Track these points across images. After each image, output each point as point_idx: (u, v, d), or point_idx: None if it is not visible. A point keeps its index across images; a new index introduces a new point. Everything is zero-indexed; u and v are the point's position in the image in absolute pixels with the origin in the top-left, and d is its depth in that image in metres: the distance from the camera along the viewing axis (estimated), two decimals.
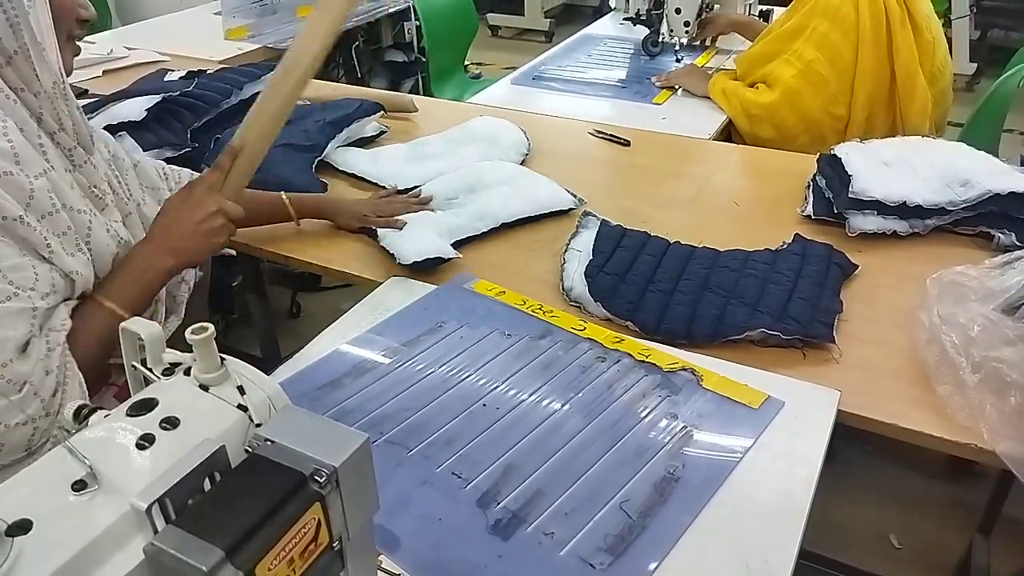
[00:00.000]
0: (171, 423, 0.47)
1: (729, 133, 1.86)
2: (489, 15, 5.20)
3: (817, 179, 1.37)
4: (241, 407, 0.50)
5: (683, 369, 0.96)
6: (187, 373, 0.52)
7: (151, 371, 0.53)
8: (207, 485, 0.44)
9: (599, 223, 1.26)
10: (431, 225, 1.27)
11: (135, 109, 1.48)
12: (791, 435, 0.86)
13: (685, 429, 0.87)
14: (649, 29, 2.22)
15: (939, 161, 1.30)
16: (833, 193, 1.30)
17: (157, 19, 2.74)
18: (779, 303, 1.05)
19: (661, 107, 1.91)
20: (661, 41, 2.21)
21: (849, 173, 1.29)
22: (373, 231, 1.28)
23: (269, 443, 0.45)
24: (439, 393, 0.93)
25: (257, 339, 1.93)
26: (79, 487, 0.44)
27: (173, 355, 0.53)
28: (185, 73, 1.75)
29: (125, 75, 2.07)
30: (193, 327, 0.50)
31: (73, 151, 0.91)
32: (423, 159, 1.55)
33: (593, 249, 1.17)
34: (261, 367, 0.53)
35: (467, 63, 3.19)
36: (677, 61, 2.19)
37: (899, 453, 1.85)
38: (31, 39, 0.84)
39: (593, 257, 1.15)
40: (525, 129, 1.64)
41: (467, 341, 1.02)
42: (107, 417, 0.49)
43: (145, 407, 0.49)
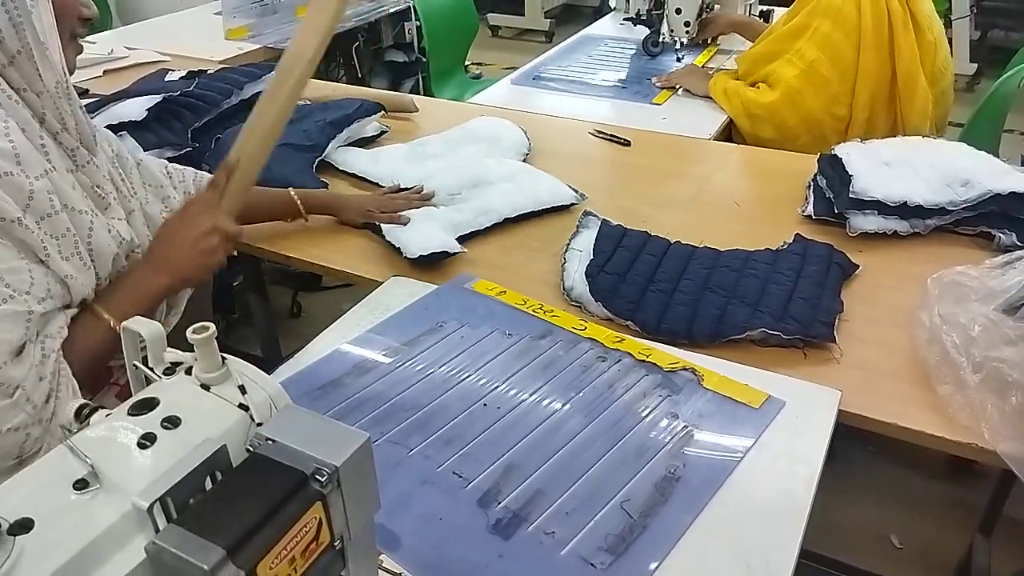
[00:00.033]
0: (172, 422, 0.47)
1: (730, 133, 1.86)
2: (489, 15, 5.20)
3: (818, 179, 1.37)
4: (242, 406, 0.50)
5: (684, 369, 0.96)
6: (188, 372, 0.52)
7: (152, 370, 0.53)
8: (208, 484, 0.44)
9: (600, 223, 1.26)
10: (434, 221, 1.28)
11: (136, 109, 1.49)
12: (792, 435, 0.86)
13: (686, 429, 0.87)
14: (649, 29, 2.22)
15: (940, 161, 1.30)
16: (834, 193, 1.30)
17: (157, 19, 2.74)
18: (780, 303, 1.05)
19: (661, 107, 1.91)
20: (661, 41, 2.21)
21: (850, 173, 1.29)
22: (377, 227, 1.28)
23: (270, 442, 0.45)
24: (440, 393, 0.93)
25: (258, 339, 1.93)
26: (80, 486, 0.44)
27: (174, 354, 0.53)
28: (185, 73, 1.75)
29: (126, 75, 2.07)
30: (194, 326, 0.50)
31: (76, 151, 0.91)
32: (423, 159, 1.55)
33: (594, 249, 1.17)
34: (262, 367, 0.53)
35: (467, 63, 3.19)
36: (678, 60, 2.19)
37: (900, 453, 1.85)
38: (34, 39, 0.84)
39: (594, 257, 1.15)
40: (526, 129, 1.64)
41: (468, 341, 1.02)
42: (108, 416, 0.49)
43: (146, 406, 0.49)
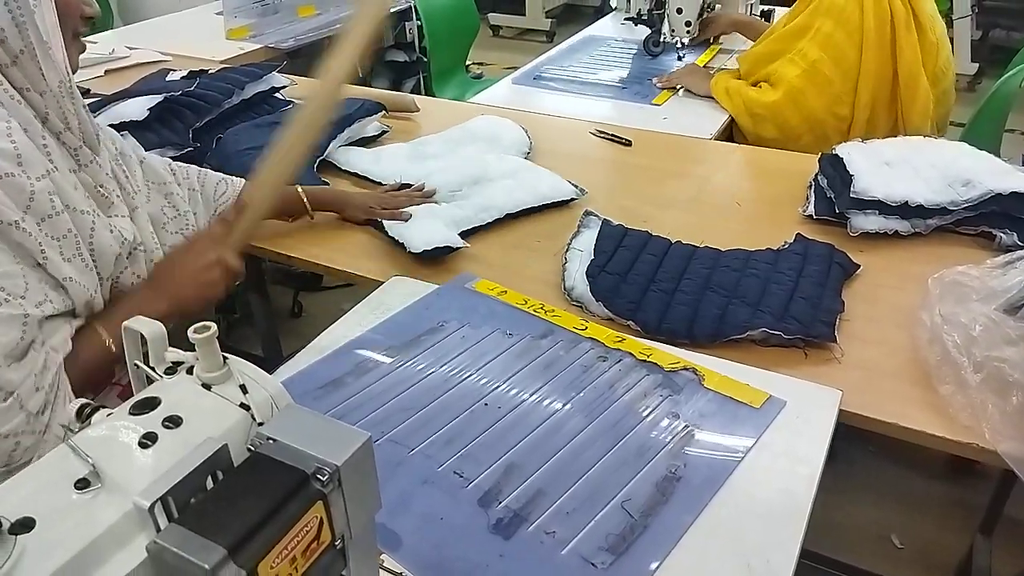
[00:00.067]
0: (174, 422, 0.47)
1: (731, 133, 1.86)
2: (490, 15, 5.21)
3: (819, 179, 1.37)
4: (243, 406, 0.50)
5: (684, 369, 0.96)
6: (189, 372, 0.52)
7: (154, 370, 0.53)
8: (209, 484, 0.44)
9: (600, 223, 1.26)
10: (436, 217, 1.28)
11: (137, 109, 1.49)
12: (793, 435, 0.86)
13: (687, 428, 0.87)
14: (650, 29, 2.22)
15: (941, 161, 1.30)
16: (835, 193, 1.30)
17: (159, 19, 2.74)
18: (781, 303, 1.05)
19: (661, 107, 1.91)
20: (662, 41, 2.21)
21: (851, 173, 1.29)
22: (379, 223, 1.29)
23: (271, 442, 0.45)
24: (440, 392, 0.93)
25: (259, 339, 1.93)
26: (82, 485, 0.44)
27: (175, 354, 0.53)
28: (187, 73, 1.75)
29: (127, 75, 2.07)
30: (195, 326, 0.50)
31: (79, 150, 0.91)
32: (424, 158, 1.55)
33: (595, 249, 1.17)
34: (263, 366, 0.53)
35: (468, 63, 3.19)
36: (679, 60, 2.19)
37: (900, 453, 1.85)
38: (37, 38, 0.84)
39: (595, 257, 1.15)
40: (526, 128, 1.64)
41: (468, 341, 1.02)
42: (110, 416, 0.49)
43: (148, 406, 0.49)
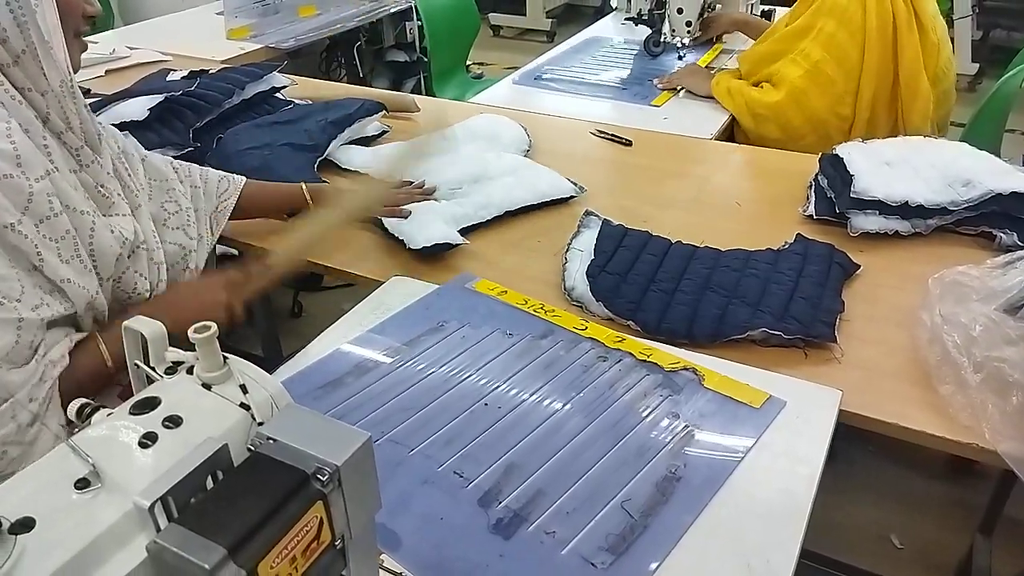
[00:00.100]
0: (174, 421, 0.47)
1: (731, 133, 1.85)
2: (491, 15, 5.21)
3: (819, 179, 1.37)
4: (243, 406, 0.50)
5: (684, 369, 0.96)
6: (189, 372, 0.52)
7: (154, 370, 0.53)
8: (210, 483, 0.44)
9: (601, 223, 1.26)
10: (436, 214, 1.28)
11: (137, 109, 1.49)
12: (793, 435, 0.86)
13: (687, 428, 0.87)
14: (651, 29, 2.22)
15: (941, 161, 1.30)
16: (835, 193, 1.30)
17: (159, 19, 2.74)
18: (781, 303, 1.05)
19: (661, 108, 1.90)
20: (663, 41, 2.21)
21: (851, 173, 1.29)
22: (379, 221, 1.29)
23: (271, 442, 0.45)
24: (440, 392, 0.93)
25: (259, 339, 1.93)
26: (82, 485, 0.44)
27: (176, 354, 0.53)
28: (187, 73, 1.75)
29: (127, 75, 2.07)
30: (195, 326, 0.50)
31: (80, 150, 0.91)
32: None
33: (595, 249, 1.17)
34: (263, 366, 0.53)
35: (469, 63, 3.19)
36: (679, 59, 2.19)
37: (900, 453, 1.85)
38: (38, 38, 0.84)
39: (595, 257, 1.15)
40: (526, 127, 1.64)
41: (468, 341, 1.02)
42: (110, 415, 0.49)
43: (148, 405, 0.49)
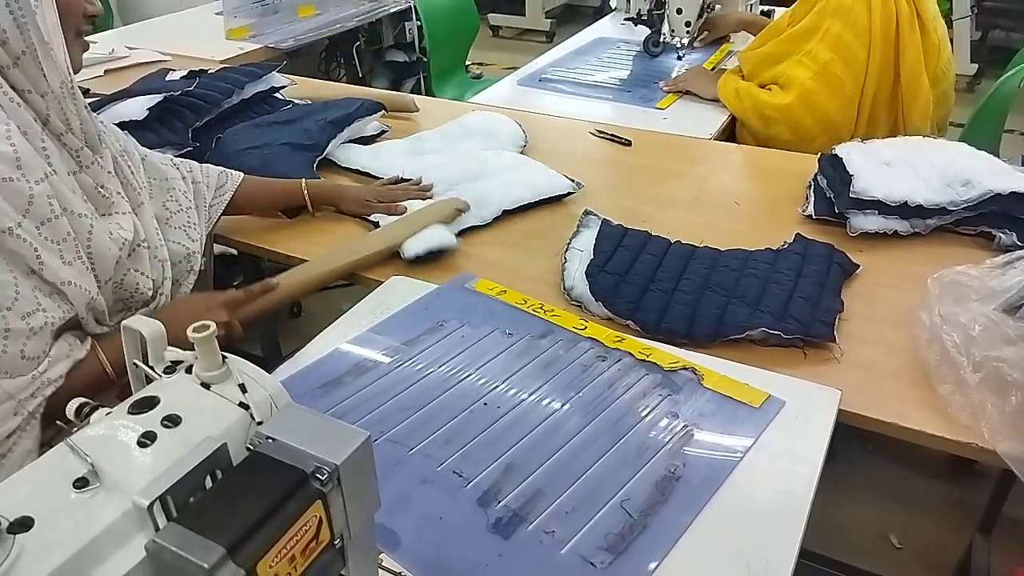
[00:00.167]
0: (173, 421, 0.47)
1: (731, 134, 1.85)
2: (490, 15, 5.20)
3: (818, 179, 1.37)
4: (243, 405, 0.50)
5: (684, 368, 0.96)
6: (188, 371, 0.52)
7: (153, 369, 0.53)
8: (209, 483, 0.44)
9: (600, 222, 1.26)
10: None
11: (137, 108, 1.49)
12: (792, 434, 0.86)
13: (686, 428, 0.87)
14: (650, 29, 2.22)
15: (940, 161, 1.30)
16: (834, 193, 1.30)
17: (158, 19, 2.74)
18: (780, 302, 1.05)
19: (665, 110, 1.89)
20: (662, 41, 2.21)
21: (850, 173, 1.29)
22: (377, 224, 1.29)
23: (270, 441, 0.45)
24: (440, 392, 0.93)
25: (258, 338, 1.93)
26: (80, 485, 0.44)
27: (175, 353, 0.53)
28: (186, 72, 1.75)
29: (126, 74, 2.07)
30: (194, 325, 0.50)
31: (80, 151, 0.91)
32: (422, 153, 1.56)
33: (594, 248, 1.17)
34: (262, 366, 0.53)
35: (468, 63, 3.19)
36: (679, 59, 2.19)
37: (900, 453, 1.85)
38: (38, 39, 0.84)
39: (594, 256, 1.15)
40: (525, 127, 1.64)
41: (468, 340, 1.02)
42: (108, 415, 0.49)
43: (147, 405, 0.49)
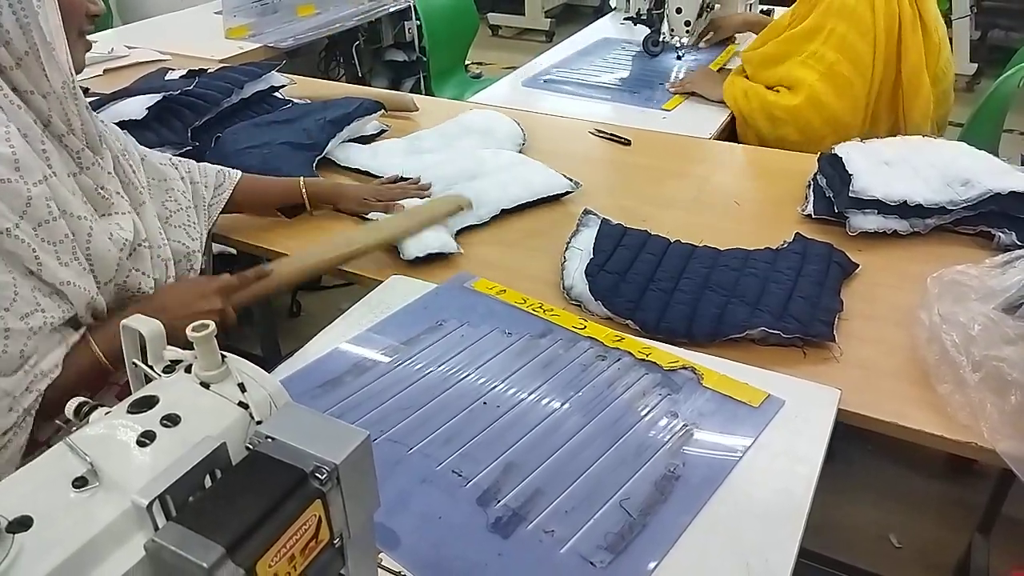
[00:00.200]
0: (172, 420, 0.47)
1: (730, 133, 1.85)
2: (490, 15, 5.21)
3: (818, 178, 1.37)
4: (242, 404, 0.50)
5: (683, 367, 0.96)
6: (188, 370, 0.52)
7: (152, 368, 0.53)
8: (208, 482, 0.44)
9: (600, 222, 1.26)
10: None
11: (136, 108, 1.49)
12: (791, 434, 0.86)
13: (685, 427, 0.87)
14: (650, 29, 2.22)
15: (940, 160, 1.30)
16: (834, 192, 1.30)
17: (158, 18, 2.74)
18: (779, 302, 1.05)
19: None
20: (662, 41, 2.21)
21: (850, 172, 1.29)
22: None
23: (270, 440, 0.45)
24: (439, 391, 0.93)
25: (258, 338, 1.93)
26: (80, 484, 0.44)
27: (174, 352, 0.53)
28: (186, 72, 1.75)
29: (126, 74, 2.07)
30: (194, 324, 0.50)
31: (81, 152, 0.91)
32: (420, 152, 1.56)
33: (594, 248, 1.17)
34: (262, 365, 0.53)
35: (467, 63, 3.19)
36: (678, 59, 2.19)
37: (899, 452, 1.85)
38: (41, 40, 0.84)
39: (594, 256, 1.15)
40: (524, 127, 1.64)
41: (467, 340, 1.02)
42: (108, 414, 0.49)
43: (146, 404, 0.49)
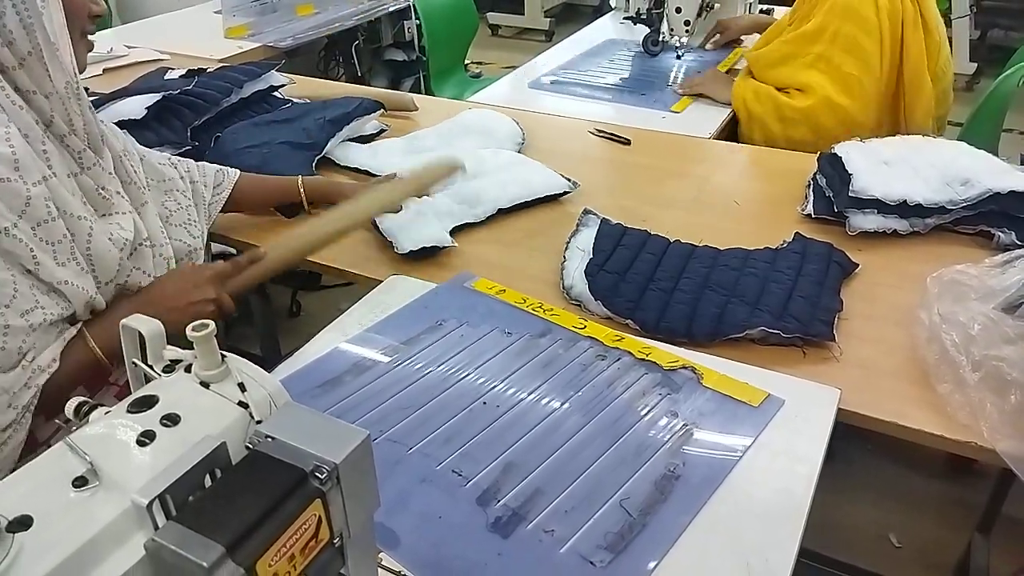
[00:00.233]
0: (172, 420, 0.47)
1: (730, 133, 1.85)
2: (489, 14, 5.21)
3: (817, 178, 1.37)
4: (242, 404, 0.50)
5: (683, 367, 0.96)
6: (188, 370, 0.52)
7: (152, 368, 0.53)
8: (208, 482, 0.44)
9: (599, 221, 1.26)
10: (429, 211, 1.28)
11: (135, 107, 1.49)
12: (791, 433, 0.86)
13: (685, 427, 0.87)
14: (649, 28, 2.22)
15: (939, 160, 1.30)
16: (833, 192, 1.30)
17: (157, 17, 2.74)
18: (779, 301, 1.05)
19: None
20: (661, 40, 2.21)
21: (849, 172, 1.29)
22: (373, 221, 1.29)
23: (270, 440, 0.45)
24: (439, 391, 0.93)
25: (257, 338, 1.93)
26: (80, 483, 0.44)
27: (174, 352, 0.53)
28: (185, 71, 1.75)
29: (125, 73, 2.07)
30: (193, 324, 0.50)
31: (82, 153, 0.91)
32: (420, 152, 1.56)
33: (593, 247, 1.17)
34: (261, 365, 0.53)
35: (467, 62, 3.19)
36: (678, 58, 2.19)
37: (899, 452, 1.85)
38: (44, 40, 0.83)
39: (593, 255, 1.15)
40: (524, 126, 1.64)
41: (467, 339, 1.02)
42: (108, 414, 0.49)
43: (146, 404, 0.49)
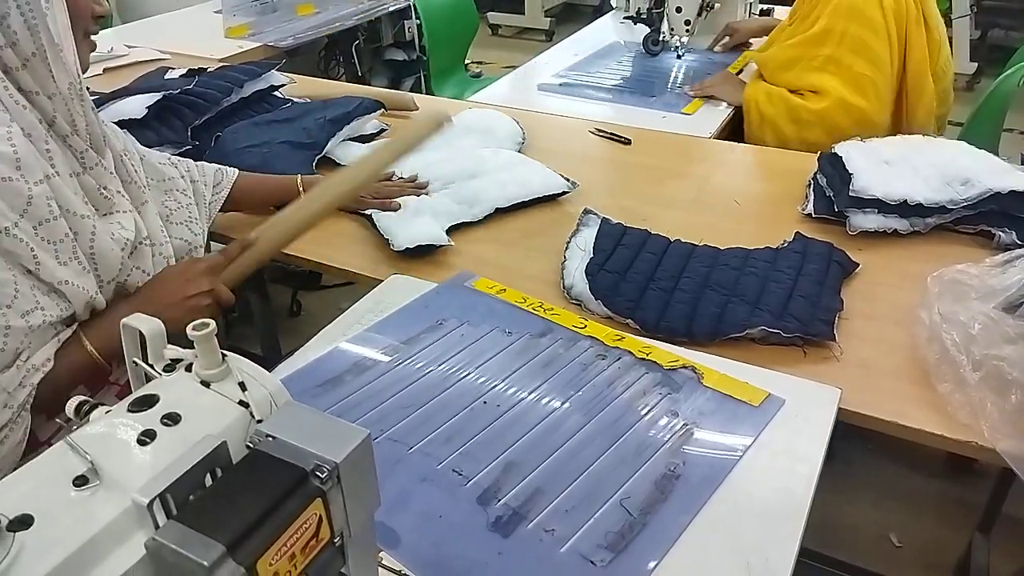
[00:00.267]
0: (172, 419, 0.47)
1: (730, 132, 1.85)
2: (489, 14, 5.21)
3: (818, 177, 1.37)
4: (242, 403, 0.50)
5: (684, 367, 0.96)
6: (188, 369, 0.52)
7: (152, 367, 0.53)
8: (208, 481, 0.44)
9: (600, 221, 1.26)
10: (427, 209, 1.28)
11: (136, 107, 1.49)
12: (792, 433, 0.86)
13: (685, 427, 0.87)
14: (649, 28, 2.22)
15: (940, 160, 1.30)
16: (834, 191, 1.30)
17: (157, 17, 2.74)
18: (780, 301, 1.05)
19: (663, 108, 1.87)
20: (662, 40, 2.21)
21: (850, 172, 1.29)
22: (371, 218, 1.29)
23: (270, 439, 0.45)
24: (439, 391, 0.93)
25: (258, 338, 1.93)
26: (80, 482, 0.44)
27: (174, 351, 0.53)
28: (185, 71, 1.75)
29: (125, 73, 2.07)
30: (194, 323, 0.50)
31: (84, 153, 0.91)
32: (420, 151, 1.56)
33: (594, 247, 1.17)
34: (262, 365, 0.53)
35: (467, 62, 3.19)
36: (678, 58, 2.19)
37: (899, 452, 1.85)
38: (48, 41, 0.83)
39: (594, 255, 1.15)
40: (524, 126, 1.64)
41: (467, 339, 1.02)
42: (108, 413, 0.49)
43: (146, 403, 0.49)
